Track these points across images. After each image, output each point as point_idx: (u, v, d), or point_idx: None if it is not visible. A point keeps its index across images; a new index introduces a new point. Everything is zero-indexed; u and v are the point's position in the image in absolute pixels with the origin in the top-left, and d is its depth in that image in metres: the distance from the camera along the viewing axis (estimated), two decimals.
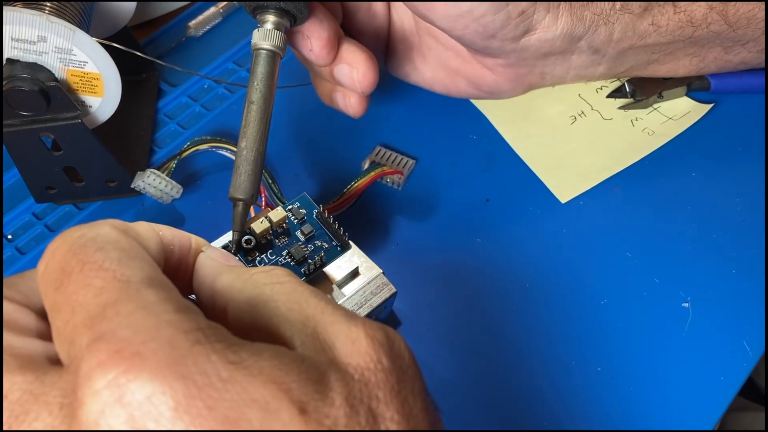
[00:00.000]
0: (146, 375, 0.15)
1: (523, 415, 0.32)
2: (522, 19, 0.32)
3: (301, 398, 0.16)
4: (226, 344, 0.17)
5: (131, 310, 0.17)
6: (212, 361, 0.16)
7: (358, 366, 0.18)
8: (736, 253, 0.37)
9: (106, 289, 0.17)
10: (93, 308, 0.17)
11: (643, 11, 0.34)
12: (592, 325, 0.35)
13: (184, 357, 0.16)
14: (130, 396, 0.15)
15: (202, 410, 0.15)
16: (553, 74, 0.37)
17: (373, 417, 0.17)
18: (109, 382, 0.15)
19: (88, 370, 0.16)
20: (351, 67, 0.33)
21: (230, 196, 0.30)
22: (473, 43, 0.34)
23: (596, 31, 0.34)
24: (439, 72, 0.39)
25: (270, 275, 0.21)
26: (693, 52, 0.38)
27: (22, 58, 0.33)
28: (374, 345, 0.18)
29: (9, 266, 0.38)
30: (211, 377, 0.16)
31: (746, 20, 0.35)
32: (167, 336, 0.16)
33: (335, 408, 0.17)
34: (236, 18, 0.50)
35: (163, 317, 0.17)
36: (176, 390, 0.15)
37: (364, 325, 0.19)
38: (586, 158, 0.41)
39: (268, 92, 0.31)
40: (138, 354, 0.16)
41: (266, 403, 0.16)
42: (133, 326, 0.16)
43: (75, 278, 0.18)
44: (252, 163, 0.30)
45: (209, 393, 0.16)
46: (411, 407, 0.18)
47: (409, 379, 0.19)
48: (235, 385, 0.16)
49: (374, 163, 0.39)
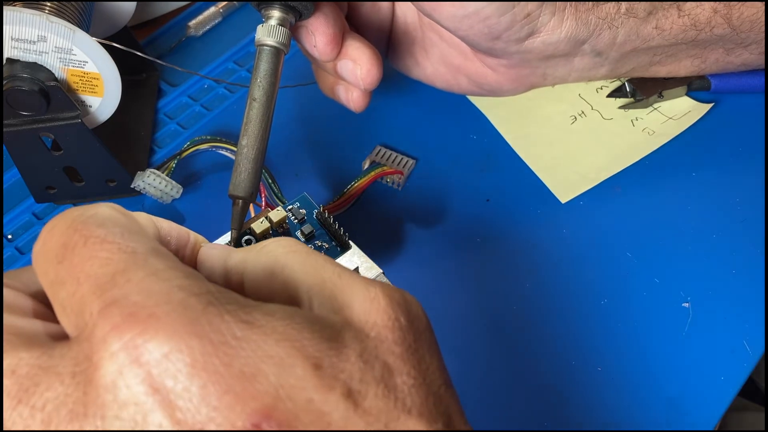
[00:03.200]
0: (162, 335, 0.16)
1: (523, 415, 0.32)
2: (527, 21, 0.32)
3: (315, 354, 0.16)
4: (238, 305, 0.17)
5: (141, 276, 0.17)
6: (226, 320, 0.16)
7: (376, 324, 0.18)
8: (737, 253, 0.37)
9: (113, 260, 0.17)
10: (102, 277, 0.17)
11: (648, 15, 0.34)
12: (593, 325, 0.35)
13: (199, 317, 0.16)
14: (147, 355, 0.15)
15: (218, 367, 0.16)
16: (555, 75, 0.37)
17: (388, 371, 0.17)
18: (125, 343, 0.15)
19: (102, 335, 0.16)
20: (355, 63, 0.33)
21: (230, 193, 0.30)
22: (477, 44, 0.34)
23: (600, 34, 0.34)
24: (441, 68, 0.39)
25: (282, 244, 0.21)
26: (695, 54, 0.38)
27: (22, 57, 0.33)
28: (392, 304, 0.19)
29: (9, 266, 0.38)
30: (225, 335, 0.16)
31: (750, 23, 0.35)
32: (180, 298, 0.16)
33: (350, 363, 0.17)
34: (236, 18, 0.50)
35: (174, 282, 0.17)
36: (193, 348, 0.16)
37: (382, 286, 0.19)
38: (586, 158, 0.41)
39: (271, 89, 0.30)
40: (153, 315, 0.16)
41: (281, 359, 0.16)
42: (145, 291, 0.16)
43: (79, 251, 0.18)
44: (252, 161, 0.30)
45: (225, 350, 0.16)
46: (428, 365, 0.18)
47: (426, 339, 0.19)
48: (249, 343, 0.16)
49: (374, 163, 0.39)
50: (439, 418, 0.17)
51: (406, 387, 0.17)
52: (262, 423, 0.15)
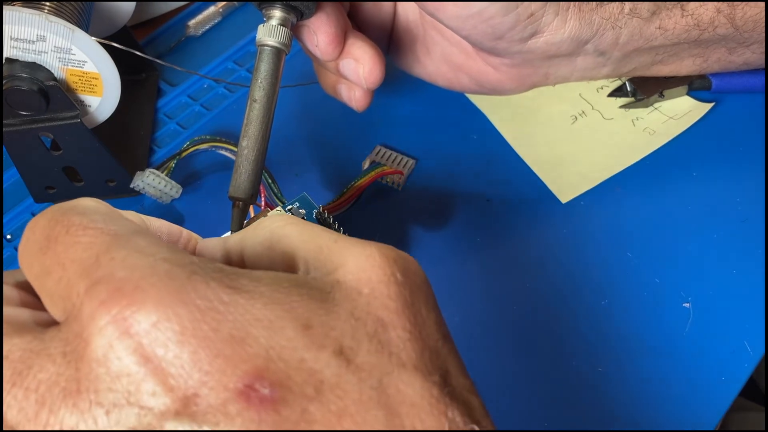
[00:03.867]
0: (149, 305, 0.16)
1: (523, 415, 0.32)
2: (530, 21, 0.32)
3: (305, 314, 0.17)
4: (223, 273, 0.17)
5: (125, 254, 0.17)
6: (212, 287, 0.16)
7: (370, 279, 0.18)
8: (737, 253, 0.37)
9: (96, 243, 0.17)
10: (86, 260, 0.17)
11: (651, 15, 0.34)
12: (593, 325, 0.35)
13: (185, 285, 0.16)
14: (136, 326, 0.16)
15: (207, 332, 0.16)
16: (557, 75, 0.37)
17: (382, 326, 0.17)
18: (114, 316, 0.16)
19: (90, 312, 0.16)
20: (357, 62, 0.33)
21: (230, 195, 0.30)
22: (480, 43, 0.34)
23: (603, 35, 0.34)
24: (443, 66, 0.39)
25: (278, 218, 0.22)
26: (697, 53, 0.38)
27: (21, 57, 0.33)
28: (388, 261, 0.19)
29: (9, 266, 0.37)
30: (212, 301, 0.16)
31: (753, 23, 0.35)
32: (165, 269, 0.17)
33: (341, 321, 0.17)
34: (236, 17, 0.50)
35: (157, 256, 0.17)
36: (180, 315, 0.16)
37: (377, 245, 0.19)
38: (586, 158, 0.41)
39: (272, 90, 0.30)
40: (138, 287, 0.16)
41: (270, 322, 0.16)
42: (130, 266, 0.17)
43: (62, 239, 0.18)
44: (253, 162, 0.30)
45: (213, 315, 0.16)
46: (424, 318, 0.18)
47: (422, 294, 0.19)
48: (237, 307, 0.16)
49: (374, 163, 0.39)
50: (436, 371, 0.17)
51: (400, 341, 0.17)
52: (255, 383, 0.15)
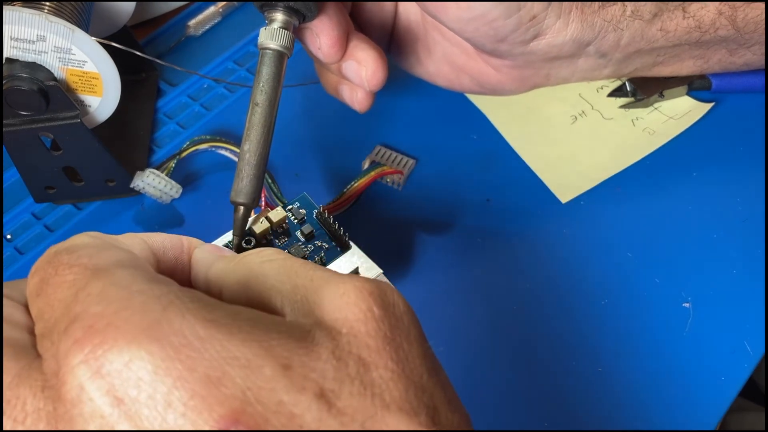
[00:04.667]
0: (122, 342, 0.15)
1: (524, 415, 0.32)
2: (533, 23, 0.32)
3: (284, 354, 0.16)
4: (201, 304, 0.17)
5: (101, 287, 0.17)
6: (187, 320, 0.16)
7: (347, 319, 0.17)
8: (737, 253, 0.37)
9: (78, 280, 0.17)
10: (68, 298, 0.17)
11: (653, 17, 0.34)
12: (593, 325, 0.35)
13: (158, 320, 0.16)
14: (108, 366, 0.15)
15: (182, 372, 0.15)
16: (558, 76, 0.37)
17: (364, 366, 0.17)
18: (86, 356, 0.15)
19: (65, 351, 0.16)
20: (360, 64, 0.33)
21: (231, 200, 0.30)
22: (482, 45, 0.34)
23: (605, 36, 0.34)
24: (444, 67, 0.39)
25: (260, 255, 0.21)
26: (698, 54, 0.38)
27: (21, 57, 0.33)
28: (363, 295, 0.18)
29: (9, 266, 0.37)
30: (188, 337, 0.16)
31: (754, 24, 0.35)
32: (139, 303, 0.16)
33: (321, 361, 0.16)
34: (236, 17, 0.50)
35: (133, 287, 0.17)
36: (153, 353, 0.15)
37: (352, 279, 0.19)
38: (586, 158, 0.41)
39: (274, 94, 0.30)
40: (110, 324, 0.16)
41: (248, 361, 0.16)
42: (104, 300, 0.16)
43: (51, 281, 0.18)
44: (255, 167, 0.30)
45: (187, 353, 0.15)
46: (406, 353, 0.17)
47: (403, 327, 0.18)
48: (213, 344, 0.16)
49: (374, 163, 0.39)
50: (422, 410, 0.17)
51: (383, 381, 0.17)
52: (231, 427, 0.15)
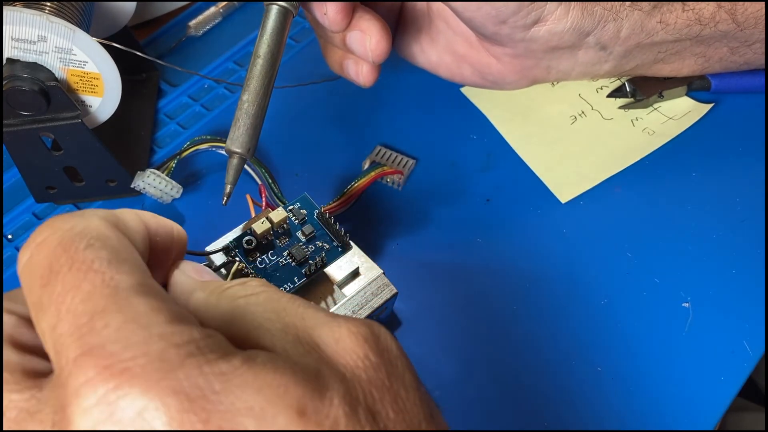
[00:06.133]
0: (137, 391, 0.15)
1: (524, 415, 0.32)
2: (534, 7, 0.32)
3: (299, 399, 0.16)
4: (219, 354, 0.16)
5: (120, 322, 0.16)
6: (204, 373, 0.16)
7: (347, 365, 0.18)
8: (737, 253, 0.37)
9: (95, 295, 0.17)
10: (80, 316, 0.16)
11: (653, 8, 0.35)
12: (593, 325, 0.35)
13: (176, 371, 0.16)
14: (120, 413, 0.15)
15: (196, 424, 0.15)
16: (559, 69, 0.37)
17: (372, 415, 0.17)
18: (99, 399, 0.15)
19: (76, 387, 0.15)
20: (364, 34, 0.33)
21: (227, 148, 0.29)
22: (484, 27, 0.34)
23: (605, 27, 0.34)
24: (446, 57, 0.39)
25: (245, 287, 0.20)
26: (699, 53, 0.38)
27: (22, 57, 0.33)
28: (358, 341, 0.18)
29: (9, 266, 0.38)
30: (203, 390, 0.15)
31: (754, 20, 0.35)
32: (158, 350, 0.16)
33: (334, 407, 0.16)
34: (236, 18, 0.50)
35: (153, 330, 0.16)
36: (168, 405, 0.15)
37: (346, 322, 0.19)
38: (586, 158, 0.41)
39: (276, 48, 0.30)
40: (128, 370, 0.15)
41: (261, 410, 0.16)
42: (123, 340, 0.16)
43: (63, 278, 0.17)
44: (252, 116, 0.29)
45: (202, 406, 0.15)
46: (404, 401, 0.18)
47: (399, 373, 0.18)
48: (228, 396, 0.16)
49: (374, 163, 0.39)
50: None
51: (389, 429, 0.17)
52: None
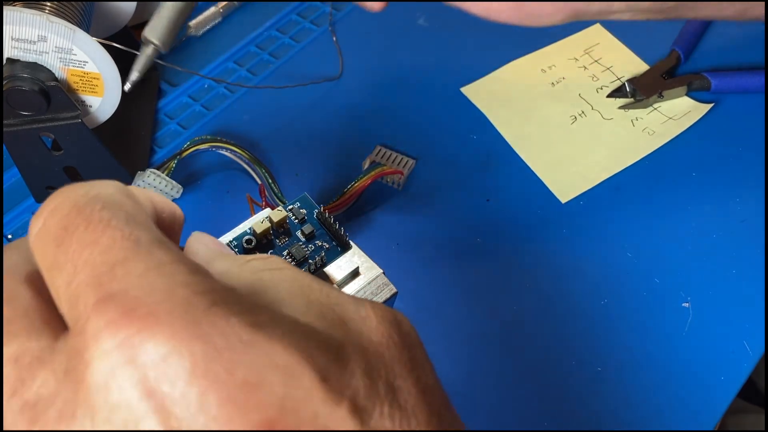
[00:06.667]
0: (162, 335, 0.14)
1: (524, 415, 0.32)
2: None
3: (323, 366, 0.16)
4: (245, 306, 0.16)
5: (142, 270, 0.16)
6: (231, 323, 0.15)
7: (371, 341, 0.18)
8: (737, 254, 0.37)
9: (114, 248, 0.16)
10: (100, 266, 0.16)
11: None
12: (593, 325, 0.35)
13: (202, 318, 0.15)
14: (144, 356, 0.14)
15: (221, 374, 0.15)
16: None
17: (392, 390, 0.17)
18: (121, 341, 0.14)
19: (95, 330, 0.15)
20: None
21: (143, 35, 0.28)
22: None
23: None
24: None
25: (267, 262, 0.20)
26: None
27: (22, 57, 0.33)
28: (384, 322, 0.18)
29: None
30: (230, 339, 0.15)
31: None
32: (183, 296, 0.15)
33: (356, 378, 0.16)
34: (236, 18, 0.50)
35: (177, 278, 0.16)
36: (194, 352, 0.14)
37: (372, 305, 0.19)
38: (586, 158, 0.41)
39: None
40: (152, 314, 0.15)
41: (287, 368, 0.15)
42: (146, 286, 0.15)
43: (79, 235, 0.16)
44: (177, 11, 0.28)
45: (229, 356, 0.15)
46: (424, 384, 0.18)
47: (419, 357, 0.19)
48: (256, 349, 0.15)
49: (374, 163, 0.39)
50: None
51: (409, 406, 0.17)
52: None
